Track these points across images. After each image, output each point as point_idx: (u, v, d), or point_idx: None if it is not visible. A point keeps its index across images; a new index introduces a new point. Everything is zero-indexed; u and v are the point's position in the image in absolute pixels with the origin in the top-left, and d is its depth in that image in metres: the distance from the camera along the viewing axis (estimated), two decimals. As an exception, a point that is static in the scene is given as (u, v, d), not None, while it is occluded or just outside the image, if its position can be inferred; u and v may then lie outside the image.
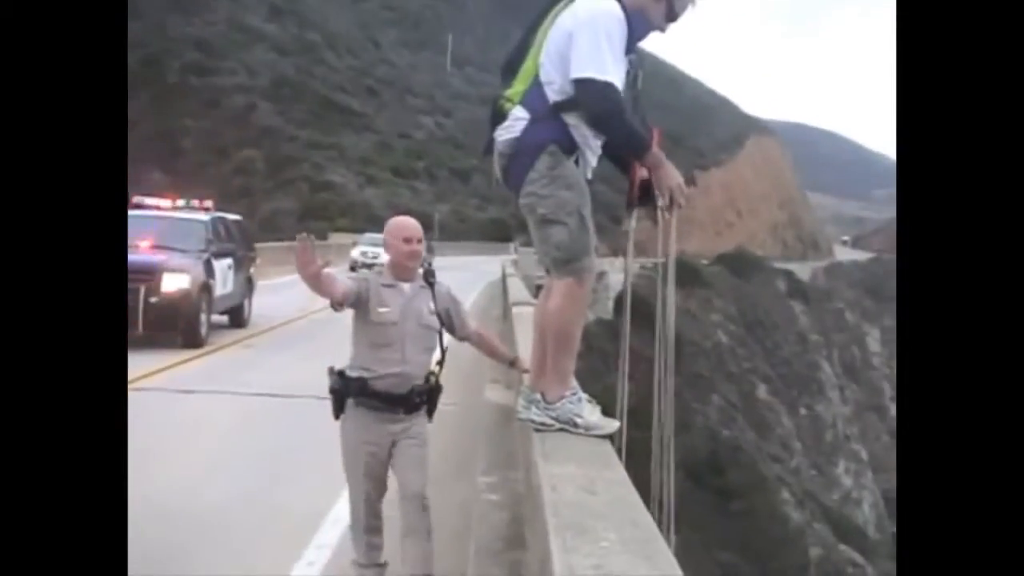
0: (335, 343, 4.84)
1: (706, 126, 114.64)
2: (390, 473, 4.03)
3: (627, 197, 3.39)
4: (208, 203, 14.15)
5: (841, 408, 64.63)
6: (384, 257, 16.58)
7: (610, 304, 32.94)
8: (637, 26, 3.17)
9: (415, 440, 3.99)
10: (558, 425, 3.19)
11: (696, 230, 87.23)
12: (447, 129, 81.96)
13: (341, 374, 3.94)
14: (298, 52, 76.39)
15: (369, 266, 31.94)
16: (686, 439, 31.59)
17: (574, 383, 3.30)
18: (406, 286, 4.01)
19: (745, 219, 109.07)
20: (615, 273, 29.66)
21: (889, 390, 75.50)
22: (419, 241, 4.01)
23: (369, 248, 32.83)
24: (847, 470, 57.61)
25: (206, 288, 12.00)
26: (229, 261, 13.19)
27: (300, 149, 62.48)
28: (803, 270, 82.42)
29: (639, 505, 2.34)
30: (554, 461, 2.72)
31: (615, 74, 3.06)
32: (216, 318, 12.80)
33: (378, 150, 68.95)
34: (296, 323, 15.13)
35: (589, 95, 3.06)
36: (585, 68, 3.04)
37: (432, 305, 4.02)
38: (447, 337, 4.12)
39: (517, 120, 3.22)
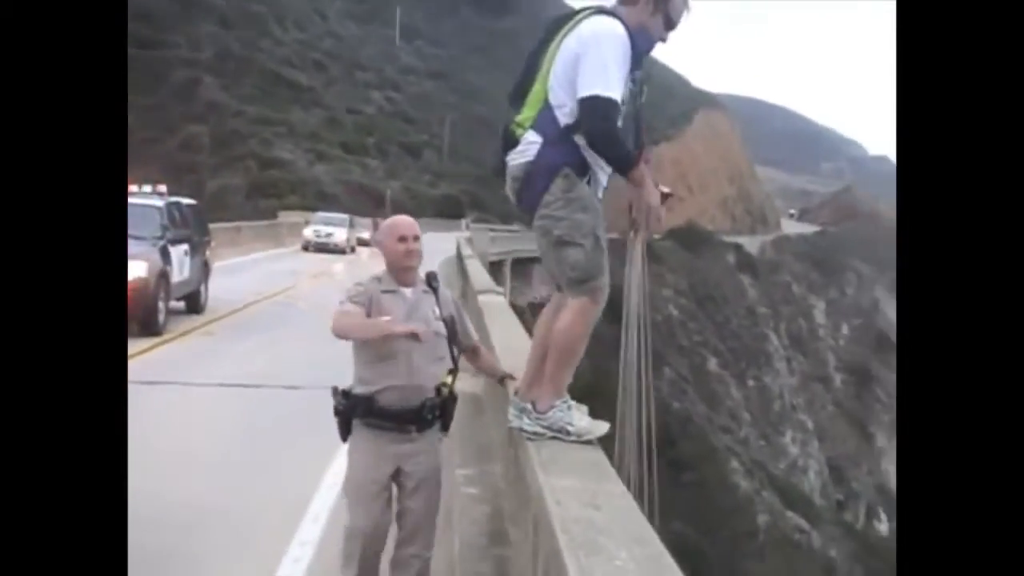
0: (295, 329, 4.80)
1: (657, 101, 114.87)
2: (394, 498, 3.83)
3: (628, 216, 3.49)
4: (162, 187, 13.94)
5: (788, 379, 65.86)
6: (338, 236, 16.74)
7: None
8: (640, 42, 3.24)
9: (431, 478, 3.80)
10: (550, 434, 3.27)
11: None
12: (397, 104, 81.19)
13: (346, 394, 3.72)
14: (243, 25, 74.81)
15: (322, 245, 31.70)
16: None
17: (565, 393, 3.38)
18: (408, 291, 3.78)
19: (695, 194, 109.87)
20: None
21: (833, 360, 77.01)
22: (416, 239, 3.77)
23: (322, 227, 32.48)
24: (793, 439, 58.82)
25: (163, 275, 11.85)
26: (185, 247, 13.03)
27: (247, 125, 61.37)
28: (752, 244, 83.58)
29: (642, 519, 2.44)
30: (554, 474, 2.80)
31: (618, 92, 3.13)
32: (172, 303, 12.66)
33: (327, 126, 68.06)
34: (253, 307, 15.04)
35: (590, 113, 3.13)
36: (591, 86, 3.11)
37: (437, 310, 3.81)
38: None
39: (530, 144, 3.28)
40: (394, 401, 3.68)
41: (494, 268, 27.67)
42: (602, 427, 3.32)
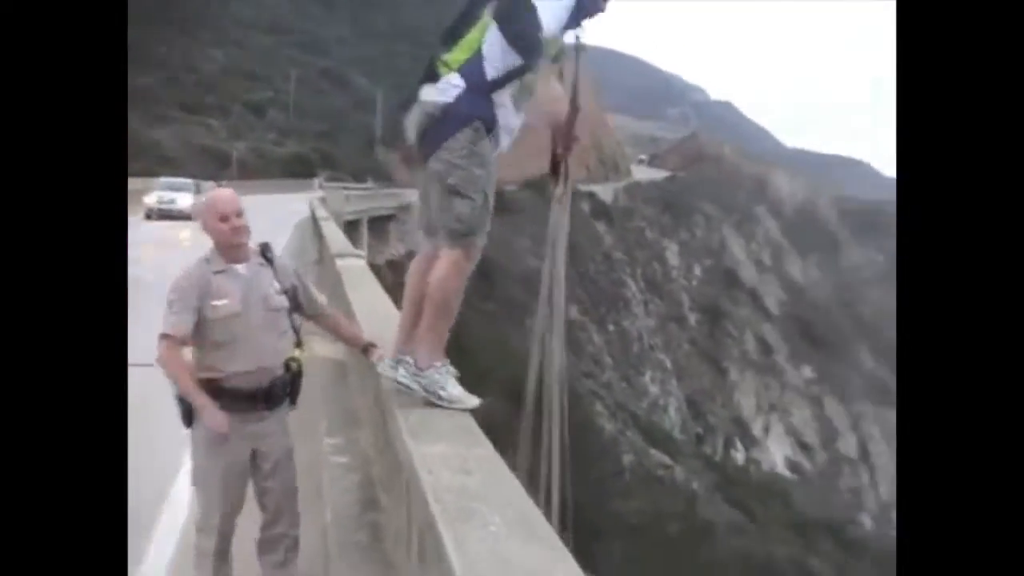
0: (143, 302, 4.50)
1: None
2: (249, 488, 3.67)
3: (550, 166, 3.54)
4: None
5: (646, 321, 67.98)
6: (183, 202, 16.24)
7: (421, 236, 33.12)
8: (587, 2, 3.32)
9: (285, 455, 3.66)
10: (422, 392, 3.24)
11: (501, 157, 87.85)
12: (237, 60, 78.16)
13: None
14: (66, -20, 70.16)
15: (166, 213, 30.29)
16: (506, 364, 32.42)
17: (445, 356, 3.36)
18: (241, 268, 3.56)
19: (549, 144, 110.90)
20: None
21: (687, 300, 79.94)
22: (239, 214, 3.54)
23: (165, 193, 30.95)
24: (653, 379, 60.97)
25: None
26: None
27: (78, 87, 57.80)
28: (605, 191, 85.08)
29: (514, 482, 2.45)
30: (423, 440, 2.78)
31: (551, 28, 3.19)
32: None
33: (164, 85, 64.89)
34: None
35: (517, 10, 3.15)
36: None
37: (276, 284, 3.62)
38: None
39: (451, 86, 3.26)
40: (241, 384, 3.49)
41: (350, 228, 27.26)
42: (473, 400, 3.31)
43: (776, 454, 66.68)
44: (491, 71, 3.24)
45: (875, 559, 38.11)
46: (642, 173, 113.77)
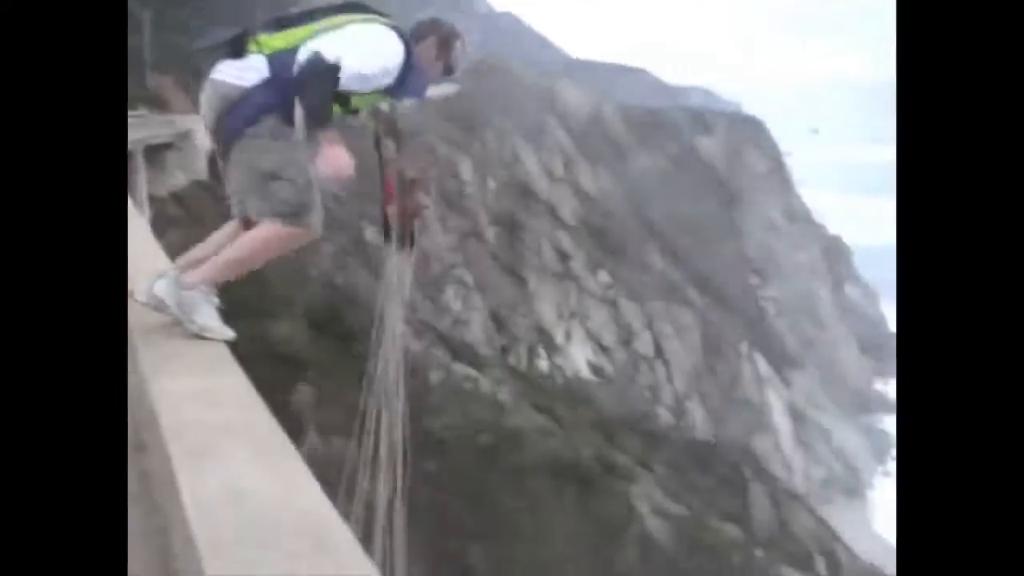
0: None
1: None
2: None
3: (384, 226, 3.67)
4: None
5: (444, 238, 68.35)
6: None
7: (203, 164, 32.36)
8: (412, 81, 3.33)
9: None
10: (176, 310, 3.06)
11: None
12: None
13: None
14: None
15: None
16: (304, 290, 31.79)
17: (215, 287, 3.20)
18: None
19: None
20: (201, 131, 28.46)
21: (484, 215, 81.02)
22: None
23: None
24: (456, 294, 61.72)
25: None
26: None
27: None
28: (394, 109, 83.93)
29: (264, 414, 2.30)
30: (168, 374, 2.59)
31: (348, 75, 3.07)
32: None
33: None
34: None
35: (311, 66, 3.03)
36: (325, 49, 3.03)
37: None
38: None
39: (253, 70, 3.09)
40: None
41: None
42: (228, 333, 3.15)
43: (578, 358, 69.38)
44: (298, 71, 3.10)
45: (673, 449, 40.84)
46: (434, 90, 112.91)
